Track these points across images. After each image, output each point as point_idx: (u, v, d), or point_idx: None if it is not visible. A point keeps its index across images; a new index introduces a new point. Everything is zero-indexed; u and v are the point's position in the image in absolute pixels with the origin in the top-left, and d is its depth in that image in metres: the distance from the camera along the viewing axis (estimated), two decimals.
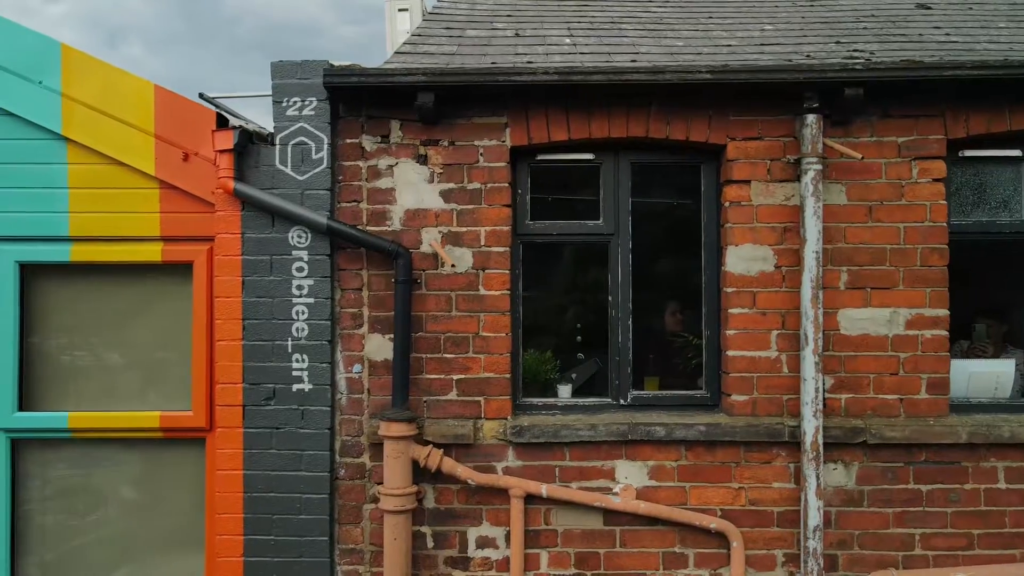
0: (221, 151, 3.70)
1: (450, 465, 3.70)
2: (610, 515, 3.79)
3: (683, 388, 4.10)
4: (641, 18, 5.40)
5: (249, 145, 3.76)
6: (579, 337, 4.37)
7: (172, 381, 3.94)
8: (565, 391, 4.08)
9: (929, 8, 5.48)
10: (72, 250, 3.86)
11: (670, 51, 4.42)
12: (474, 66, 3.74)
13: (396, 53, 4.31)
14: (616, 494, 3.76)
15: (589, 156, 3.98)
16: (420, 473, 3.73)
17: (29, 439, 3.91)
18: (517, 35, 4.88)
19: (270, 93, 3.80)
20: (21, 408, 3.88)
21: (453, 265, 3.74)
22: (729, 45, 4.55)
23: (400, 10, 7.31)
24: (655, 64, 3.73)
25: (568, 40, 4.74)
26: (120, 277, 3.94)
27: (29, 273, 3.91)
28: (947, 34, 4.80)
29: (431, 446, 3.71)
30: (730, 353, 3.79)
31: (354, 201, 3.83)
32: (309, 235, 3.76)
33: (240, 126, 3.72)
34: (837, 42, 4.63)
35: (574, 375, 4.20)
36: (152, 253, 3.86)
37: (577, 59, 4.12)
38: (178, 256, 3.86)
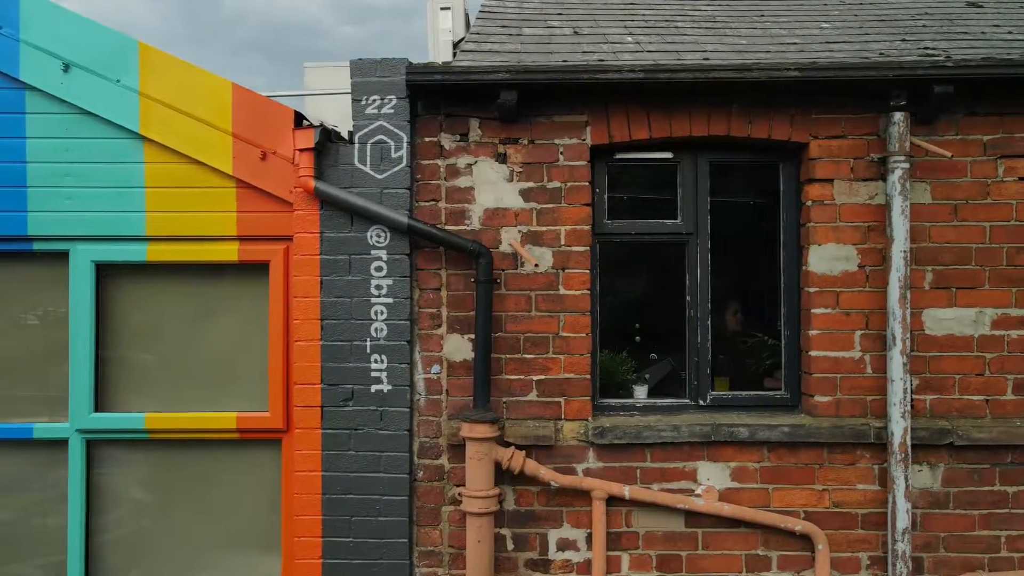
0: (302, 150, 3.67)
1: (533, 467, 3.66)
2: (692, 517, 3.75)
3: (753, 388, 4.07)
4: (694, 16, 5.36)
5: (327, 144, 3.74)
6: (638, 337, 4.31)
7: (247, 382, 3.91)
8: (641, 392, 4.05)
9: (981, 6, 5.44)
10: (148, 249, 3.83)
11: (736, 49, 4.38)
12: (558, 64, 3.71)
13: (462, 52, 4.28)
14: (699, 496, 3.72)
15: (667, 155, 3.94)
16: (499, 475, 3.69)
17: (105, 440, 3.88)
18: (576, 33, 4.84)
19: (349, 91, 3.77)
20: (97, 409, 3.85)
21: (536, 264, 3.70)
22: (794, 43, 4.51)
23: (442, 8, 7.28)
24: (742, 62, 3.70)
25: (630, 38, 4.70)
26: (195, 276, 3.91)
27: (104, 272, 3.88)
28: (1009, 32, 4.75)
29: (513, 448, 3.67)
30: (812, 353, 3.75)
31: (432, 200, 3.80)
32: (388, 234, 3.73)
33: (321, 124, 3.69)
34: (903, 40, 4.58)
35: (647, 375, 4.16)
36: (228, 253, 3.83)
37: (646, 57, 4.07)
38: (254, 256, 3.83)
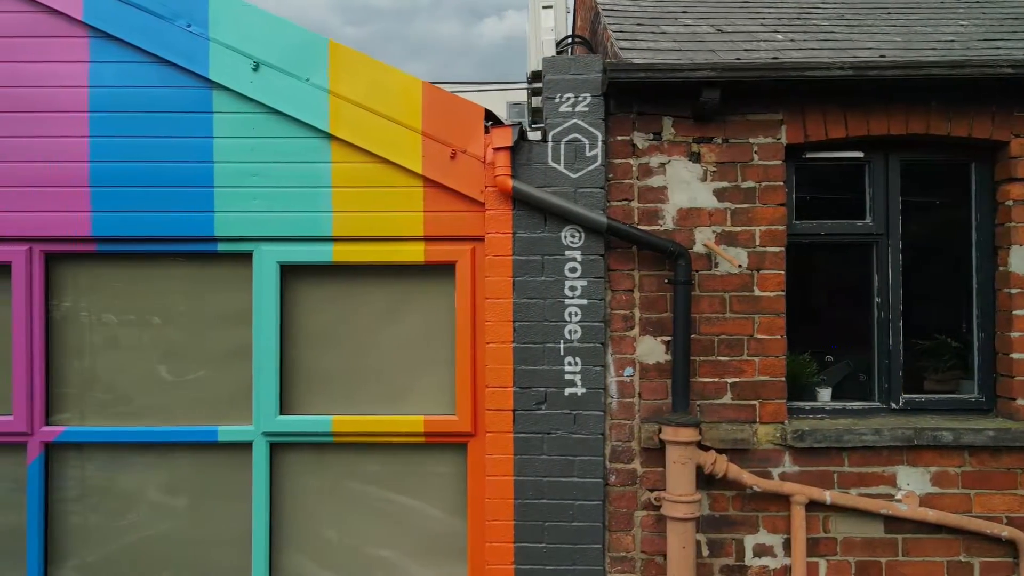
0: (498, 148, 3.62)
1: (735, 472, 3.59)
2: (891, 522, 3.68)
3: (917, 391, 3.99)
4: (822, 13, 5.29)
5: (521, 143, 3.68)
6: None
7: (430, 384, 3.85)
8: (825, 394, 3.97)
9: None
10: (334, 250, 3.78)
11: (898, 46, 4.30)
12: (765, 61, 3.65)
13: (622, 50, 4.21)
14: (900, 501, 3.65)
15: (858, 154, 3.87)
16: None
17: (288, 443, 3.82)
18: (720, 31, 4.77)
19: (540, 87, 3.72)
20: (281, 412, 3.80)
21: (740, 265, 3.64)
22: (951, 40, 4.44)
23: (544, 7, 7.23)
24: (955, 58, 3.63)
25: (780, 36, 4.64)
26: (378, 277, 3.85)
27: (287, 273, 3.83)
28: None
29: (714, 452, 3.61)
30: (1015, 356, 3.68)
31: (625, 200, 3.74)
32: (583, 234, 3.67)
33: (518, 123, 3.64)
34: None
35: (824, 377, 4.09)
36: (415, 253, 3.78)
37: (817, 54, 4.00)
38: (441, 256, 3.77)
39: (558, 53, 6.90)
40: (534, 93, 7.58)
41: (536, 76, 7.09)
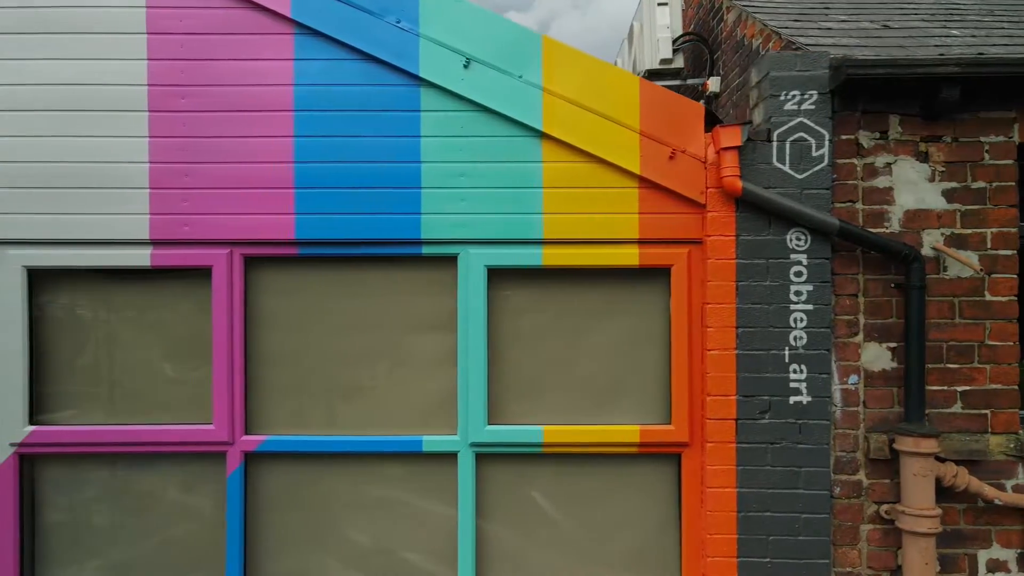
0: (726, 148, 3.48)
1: (976, 485, 3.45)
2: None
3: None
4: (969, 7, 5.18)
5: (746, 142, 3.54)
6: None
7: (641, 392, 3.71)
8: None
9: None
10: (544, 253, 3.64)
11: None
12: (1011, 56, 3.50)
13: (808, 45, 4.08)
14: None
15: None
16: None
17: (493, 454, 3.68)
18: (887, 27, 4.64)
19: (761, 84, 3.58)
20: (489, 421, 3.67)
21: (980, 269, 3.49)
22: None
23: (659, 4, 7.08)
24: None
25: (956, 32, 4.50)
26: (586, 280, 3.71)
27: (492, 276, 3.68)
28: None
29: (952, 463, 3.47)
30: None
31: (849, 201, 3.59)
32: (808, 237, 3.53)
33: (748, 122, 3.50)
34: None
35: None
36: (628, 257, 3.64)
37: (1007, 50, 3.88)
38: (655, 260, 3.63)
39: (675, 51, 6.76)
40: None
41: (652, 74, 6.94)
